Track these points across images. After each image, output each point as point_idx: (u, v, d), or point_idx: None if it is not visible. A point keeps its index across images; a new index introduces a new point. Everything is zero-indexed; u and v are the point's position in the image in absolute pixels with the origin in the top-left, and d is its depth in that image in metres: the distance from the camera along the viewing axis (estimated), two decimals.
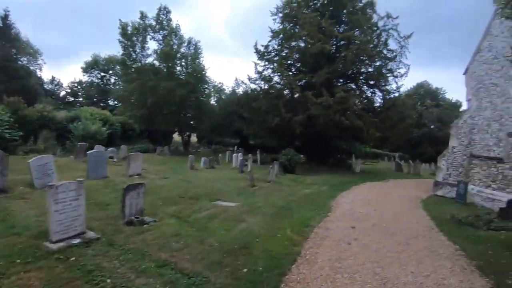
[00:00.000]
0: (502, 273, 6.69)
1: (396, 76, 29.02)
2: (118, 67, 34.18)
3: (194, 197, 11.76)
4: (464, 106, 54.96)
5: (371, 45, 27.11)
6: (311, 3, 29.46)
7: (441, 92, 55.69)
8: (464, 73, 17.52)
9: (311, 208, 11.95)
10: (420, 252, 7.81)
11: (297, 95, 28.04)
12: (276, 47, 30.29)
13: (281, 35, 29.38)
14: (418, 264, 6.97)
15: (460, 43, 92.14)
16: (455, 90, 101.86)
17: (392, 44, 27.89)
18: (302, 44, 28.39)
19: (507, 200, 12.68)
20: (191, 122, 37.84)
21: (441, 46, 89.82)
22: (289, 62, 30.41)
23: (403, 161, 36.97)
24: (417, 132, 43.19)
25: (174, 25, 34.45)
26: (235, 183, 15.65)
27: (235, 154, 25.32)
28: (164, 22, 33.94)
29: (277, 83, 29.96)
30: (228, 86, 47.71)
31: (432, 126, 49.17)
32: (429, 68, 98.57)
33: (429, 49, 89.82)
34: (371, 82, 30.02)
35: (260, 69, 30.18)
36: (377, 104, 30.30)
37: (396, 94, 29.91)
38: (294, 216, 10.35)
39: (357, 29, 27.89)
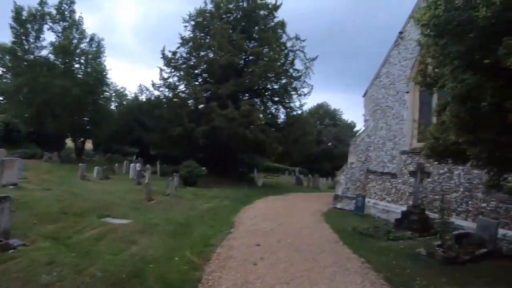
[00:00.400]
0: (409, 282, 6.72)
1: (300, 95, 30.28)
2: (7, 57, 29.15)
3: (79, 213, 9.93)
4: (358, 127, 60.23)
5: (279, 63, 27.92)
6: (224, 16, 29.34)
7: (339, 113, 60.20)
8: (364, 96, 18.57)
9: (213, 224, 11.07)
10: (329, 268, 7.46)
11: (202, 105, 27.37)
12: (184, 55, 29.42)
13: (190, 43, 28.59)
14: (329, 282, 6.54)
15: (357, 71, 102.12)
16: (350, 112, 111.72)
17: (298, 65, 29.33)
18: (211, 55, 27.85)
19: (401, 211, 13.45)
20: (87, 127, 33.81)
21: (341, 71, 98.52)
22: (196, 71, 29.68)
23: (302, 176, 38.34)
24: (316, 149, 45.42)
25: (76, 18, 30.61)
26: (130, 196, 13.97)
27: (132, 164, 23.12)
28: (66, 12, 29.75)
29: (182, 92, 28.86)
30: (131, 92, 44.43)
31: (329, 144, 52.39)
32: (329, 90, 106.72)
33: (331, 72, 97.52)
34: (276, 99, 30.81)
35: (165, 75, 28.88)
36: (281, 120, 31.17)
37: (299, 112, 31.09)
38: (195, 234, 9.32)
39: (266, 47, 28.41)
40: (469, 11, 4.78)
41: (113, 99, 39.41)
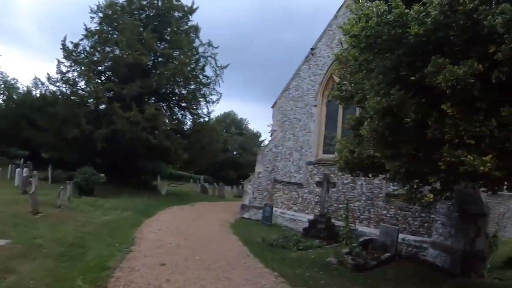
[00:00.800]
0: None
1: (208, 102, 29.60)
2: None
3: None
4: (263, 137, 62.03)
5: (189, 68, 26.97)
6: (136, 12, 27.22)
7: (245, 122, 61.01)
8: (272, 107, 18.79)
9: (111, 241, 9.63)
10: (243, 287, 6.96)
11: (103, 106, 24.88)
12: (88, 48, 26.48)
13: (96, 37, 26.01)
14: None
15: (264, 83, 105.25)
16: (256, 122, 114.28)
17: (209, 71, 28.73)
18: (118, 52, 25.66)
19: (308, 220, 13.88)
20: None
21: (249, 82, 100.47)
22: (99, 68, 26.99)
23: (207, 184, 37.70)
24: (222, 157, 45.20)
25: None
26: (11, 209, 11.52)
27: (19, 169, 19.65)
28: None
29: (82, 89, 25.92)
30: (23, 85, 38.66)
31: (235, 152, 52.67)
32: (237, 99, 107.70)
33: (240, 83, 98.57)
34: (183, 104, 29.73)
35: (64, 69, 25.41)
36: (187, 126, 30.11)
37: (207, 119, 30.39)
38: (89, 256, 7.88)
39: (177, 49, 27.29)
40: (401, 28, 4.74)
41: (1, 92, 33.90)
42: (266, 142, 67.60)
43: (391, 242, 10.78)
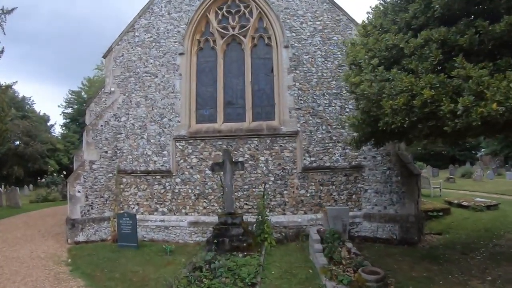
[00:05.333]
0: None
1: None
2: None
3: None
4: (53, 120, 49.78)
5: None
6: None
7: (29, 102, 47.19)
8: (105, 56, 12.13)
9: None
10: None
11: None
12: None
13: None
14: None
15: (51, 59, 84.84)
16: (41, 105, 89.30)
17: None
18: None
19: (214, 227, 8.94)
20: None
21: (25, 56, 78.98)
22: None
23: None
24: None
25: None
26: None
27: None
28: None
29: None
30: None
31: (17, 142, 39.77)
32: (9, 76, 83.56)
33: (16, 57, 75.50)
34: None
35: None
36: None
37: None
38: None
39: None
40: None
41: None
42: (58, 126, 55.58)
43: (343, 227, 8.80)
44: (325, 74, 11.01)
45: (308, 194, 10.45)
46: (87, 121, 12.99)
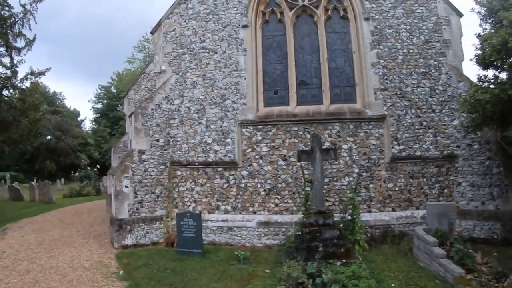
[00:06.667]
0: None
1: (14, 49, 17.71)
2: None
3: None
4: (83, 115, 49.38)
5: None
6: None
7: (60, 97, 47.20)
8: (153, 32, 10.72)
9: None
10: None
11: None
12: None
13: None
14: None
15: (73, 57, 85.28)
16: (71, 99, 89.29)
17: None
18: None
19: (297, 226, 7.23)
20: None
21: (53, 56, 79.70)
22: None
23: (16, 183, 25.38)
24: (33, 143, 32.40)
25: None
26: None
27: None
28: None
29: None
30: None
31: (49, 137, 39.49)
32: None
33: (42, 56, 76.19)
34: None
35: None
36: None
37: (10, 75, 18.44)
38: None
39: None
40: None
41: None
42: (88, 121, 55.56)
43: (449, 226, 7.21)
44: (411, 51, 9.50)
45: (397, 188, 8.90)
46: (125, 110, 11.64)
